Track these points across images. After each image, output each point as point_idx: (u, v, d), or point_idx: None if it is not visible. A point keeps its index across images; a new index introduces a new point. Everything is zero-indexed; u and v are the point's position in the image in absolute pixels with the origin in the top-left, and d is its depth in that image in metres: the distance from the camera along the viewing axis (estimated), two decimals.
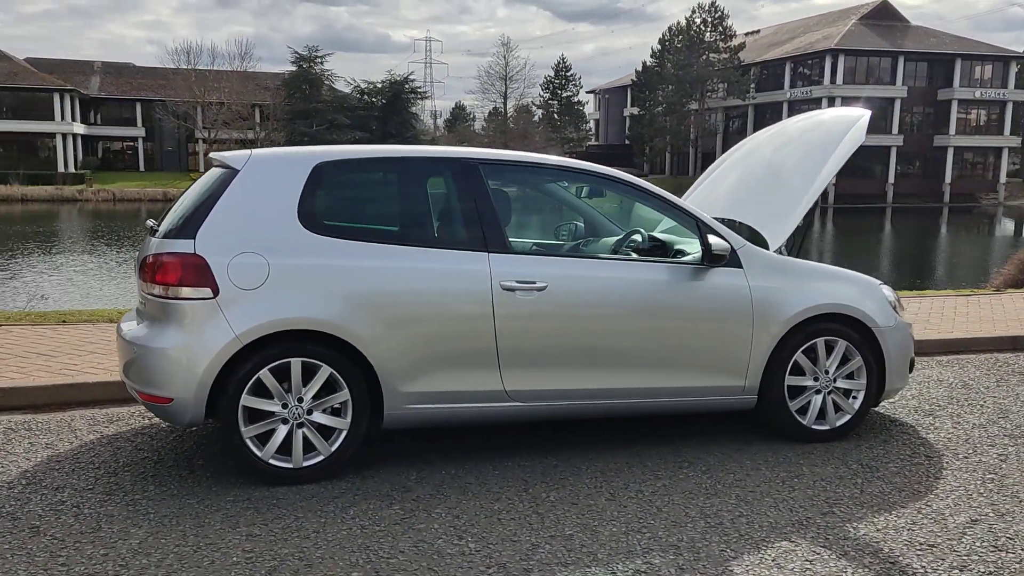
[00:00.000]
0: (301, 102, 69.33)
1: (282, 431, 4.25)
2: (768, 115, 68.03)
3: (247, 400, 4.17)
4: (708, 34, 70.70)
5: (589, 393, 4.74)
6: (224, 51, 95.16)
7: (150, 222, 4.70)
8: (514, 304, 4.52)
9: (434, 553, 3.57)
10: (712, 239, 4.82)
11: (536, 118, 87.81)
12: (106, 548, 3.54)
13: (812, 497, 4.31)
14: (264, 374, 4.19)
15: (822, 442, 5.16)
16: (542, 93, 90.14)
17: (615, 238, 5.41)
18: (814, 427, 5.16)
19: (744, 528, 3.91)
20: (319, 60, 72.12)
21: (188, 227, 4.25)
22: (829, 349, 5.14)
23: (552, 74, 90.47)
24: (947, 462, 4.87)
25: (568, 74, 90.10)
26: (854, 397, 5.24)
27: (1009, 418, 5.73)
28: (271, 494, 4.18)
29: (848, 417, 5.23)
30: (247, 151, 4.52)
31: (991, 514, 4.12)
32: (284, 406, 4.25)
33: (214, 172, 4.53)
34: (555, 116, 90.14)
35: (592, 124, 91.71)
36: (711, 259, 4.81)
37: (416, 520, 3.90)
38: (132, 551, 3.52)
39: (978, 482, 4.55)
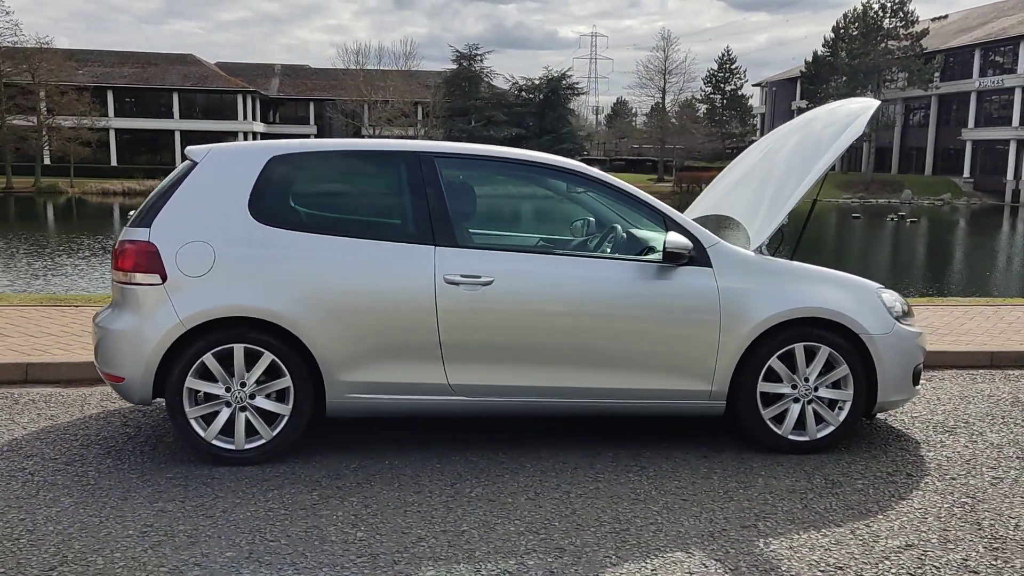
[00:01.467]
0: (460, 99, 71.08)
1: (225, 414, 4.46)
2: (954, 106, 63.80)
3: (191, 382, 4.40)
4: (887, 20, 66.86)
5: (539, 391, 4.68)
6: (390, 51, 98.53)
7: (132, 213, 5.03)
8: (458, 298, 4.53)
9: (317, 539, 3.65)
10: (670, 236, 4.65)
11: (700, 113, 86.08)
12: (26, 513, 3.85)
13: (744, 509, 4.10)
14: (208, 358, 4.40)
15: (801, 454, 4.88)
16: (704, 87, 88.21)
17: (600, 234, 5.32)
18: (791, 437, 4.89)
19: (647, 536, 3.78)
20: (478, 58, 73.75)
21: (147, 216, 4.52)
22: (811, 355, 4.84)
23: (715, 67, 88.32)
24: (927, 483, 4.50)
25: (732, 67, 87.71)
26: (840, 408, 4.92)
27: None
28: (210, 473, 4.39)
29: (831, 429, 4.92)
30: (209, 145, 4.76)
31: (934, 541, 3.79)
32: (228, 390, 4.45)
33: (183, 165, 4.78)
34: (720, 110, 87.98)
35: (758, 119, 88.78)
36: (666, 257, 4.65)
37: (326, 507, 4.00)
38: (48, 518, 3.80)
39: (945, 507, 4.19)
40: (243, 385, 4.46)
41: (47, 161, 57.70)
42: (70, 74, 58.97)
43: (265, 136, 70.90)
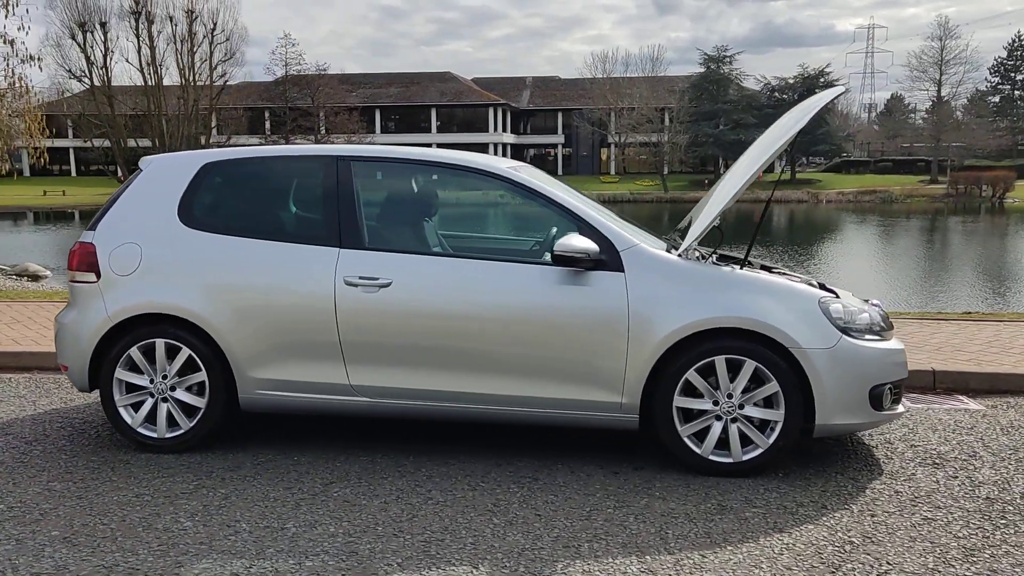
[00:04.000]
0: (707, 103, 69.57)
1: (149, 404, 4.83)
2: None
3: (120, 373, 4.82)
4: None
5: (441, 395, 4.64)
6: (638, 57, 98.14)
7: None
8: (356, 300, 4.61)
9: (142, 526, 3.87)
10: (563, 239, 4.44)
11: (992, 106, 78.15)
12: None
13: (586, 530, 3.86)
14: (134, 351, 4.80)
15: (724, 476, 4.45)
16: (989, 78, 79.97)
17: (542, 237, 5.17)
18: (711, 458, 4.48)
19: (448, 549, 3.68)
20: (728, 60, 71.79)
21: (96, 221, 5.01)
22: (735, 370, 4.41)
23: (1004, 55, 79.80)
24: (833, 518, 3.99)
25: None
26: (771, 429, 4.43)
27: None
28: (126, 459, 4.75)
29: (758, 451, 4.45)
30: (156, 155, 5.17)
31: None
32: (152, 381, 4.81)
33: (134, 174, 5.22)
34: (1012, 102, 79.40)
35: None
36: (555, 260, 4.44)
37: (191, 497, 4.22)
38: None
39: (821, 546, 3.67)
40: (165, 378, 4.80)
41: None
42: (343, 96, 64.62)
43: (515, 147, 73.51)
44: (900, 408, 4.73)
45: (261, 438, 5.08)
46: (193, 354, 4.75)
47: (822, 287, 5.06)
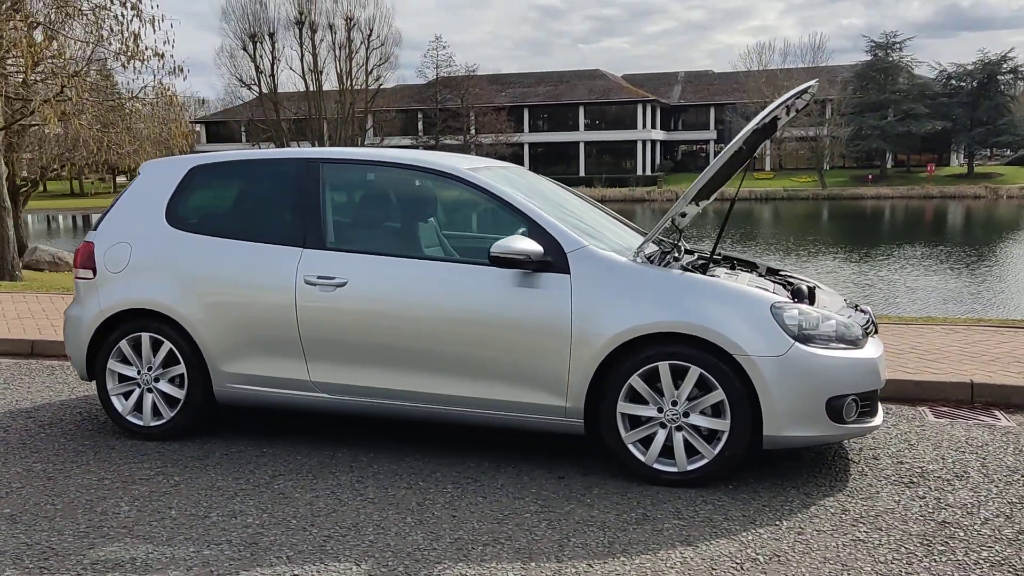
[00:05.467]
0: (873, 93, 66.17)
1: (136, 394, 5.14)
2: None
3: (112, 364, 5.16)
4: None
5: (396, 394, 4.70)
6: (796, 47, 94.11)
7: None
8: (315, 298, 4.74)
9: (82, 508, 4.12)
10: (501, 241, 4.39)
11: None
12: None
13: (507, 532, 3.82)
14: (123, 344, 5.13)
15: (670, 486, 4.30)
16: None
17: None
18: (656, 467, 4.33)
19: (372, 543, 3.73)
20: (897, 46, 67.97)
21: (99, 221, 5.38)
22: (680, 376, 4.24)
23: None
24: (754, 534, 3.79)
25: None
26: (718, 439, 4.23)
27: (1012, 513, 4.00)
28: (131, 446, 5.04)
29: (704, 462, 4.26)
30: (153, 160, 5.49)
31: None
32: (139, 373, 5.12)
33: (135, 176, 5.55)
34: None
35: None
36: (492, 261, 4.40)
37: (149, 484, 4.45)
38: None
39: (715, 562, 3.49)
40: (150, 369, 5.10)
41: None
42: (492, 96, 65.70)
43: (665, 143, 72.40)
44: (874, 421, 4.40)
45: (245, 429, 5.30)
46: (173, 348, 5.02)
47: (811, 292, 4.80)
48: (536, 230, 4.51)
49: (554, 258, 4.43)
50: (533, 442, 4.93)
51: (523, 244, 4.38)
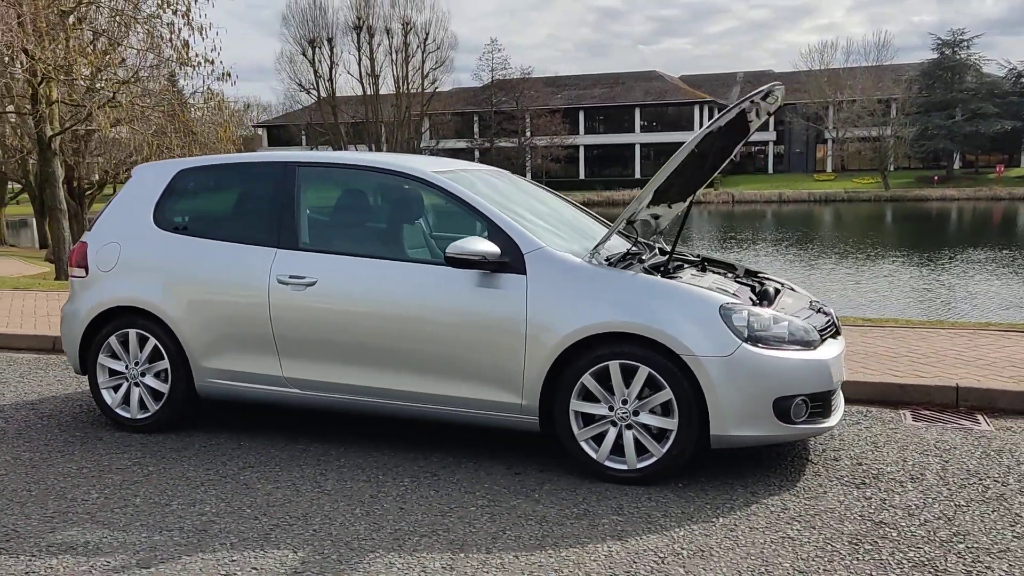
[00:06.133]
0: (940, 92, 64.48)
1: (124, 387, 5.37)
2: None
3: (102, 359, 5.40)
4: None
5: (362, 390, 4.84)
6: (860, 46, 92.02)
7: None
8: (287, 297, 4.91)
9: (53, 495, 4.35)
10: (457, 242, 4.50)
11: None
12: None
13: (447, 524, 3.94)
14: (112, 340, 5.36)
15: (620, 484, 4.37)
16: None
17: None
18: (607, 464, 4.39)
19: (315, 532, 3.87)
20: (965, 44, 66.12)
21: (93, 222, 5.63)
22: (630, 375, 4.30)
23: None
24: (685, 531, 3.83)
25: None
26: (667, 437, 4.28)
27: (955, 515, 3.96)
28: (119, 438, 5.26)
29: (653, 460, 4.31)
30: (145, 164, 5.72)
31: None
32: (127, 367, 5.36)
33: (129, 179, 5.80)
34: None
35: None
36: (447, 261, 4.51)
37: (143, 477, 4.61)
38: None
39: (678, 556, 3.54)
40: (137, 364, 5.33)
41: (528, 177, 65.00)
42: (548, 99, 65.79)
43: None
44: (827, 422, 4.40)
45: (229, 423, 5.49)
46: (158, 344, 5.24)
47: (774, 293, 4.82)
48: (495, 231, 4.61)
49: (511, 259, 4.52)
50: (500, 439, 5.02)
51: (478, 245, 4.47)
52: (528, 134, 64.58)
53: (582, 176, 68.78)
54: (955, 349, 6.74)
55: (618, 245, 5.24)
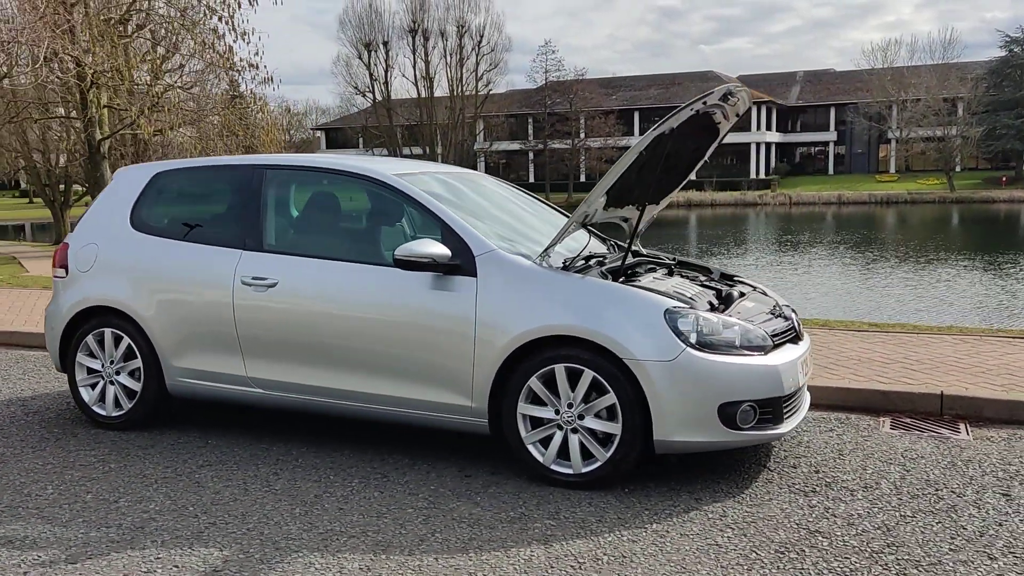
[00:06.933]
0: (1009, 90, 62.39)
1: (101, 386, 5.49)
2: None
3: (80, 358, 5.53)
4: None
5: (320, 391, 4.88)
6: (925, 44, 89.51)
7: None
8: (249, 297, 4.98)
9: (35, 494, 4.44)
10: (407, 244, 4.50)
11: None
12: None
13: (379, 525, 3.95)
14: (89, 338, 5.49)
15: (567, 488, 4.32)
16: None
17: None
18: (553, 467, 4.35)
19: (248, 531, 3.91)
20: None
21: (77, 224, 5.77)
22: (575, 379, 4.25)
23: None
24: (633, 539, 3.74)
25: None
26: (611, 442, 4.22)
27: (896, 526, 3.83)
28: (94, 435, 5.37)
29: (597, 464, 4.26)
30: (125, 167, 5.83)
31: None
32: (103, 366, 5.47)
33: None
34: None
35: None
36: (395, 263, 4.50)
37: (102, 473, 4.69)
38: None
39: (598, 561, 3.49)
40: (112, 363, 5.44)
41: (581, 179, 64.72)
42: (602, 100, 65.45)
43: (781, 145, 70.39)
44: (778, 429, 4.29)
45: (201, 421, 5.58)
46: (131, 343, 5.34)
47: (742, 296, 4.74)
48: (448, 233, 4.60)
49: (463, 261, 4.50)
50: (461, 443, 5.00)
51: (427, 248, 4.46)
52: (582, 135, 64.31)
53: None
54: (954, 356, 6.51)
55: (591, 247, 5.18)
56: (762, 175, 66.51)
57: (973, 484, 4.23)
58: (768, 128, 67.96)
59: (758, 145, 66.74)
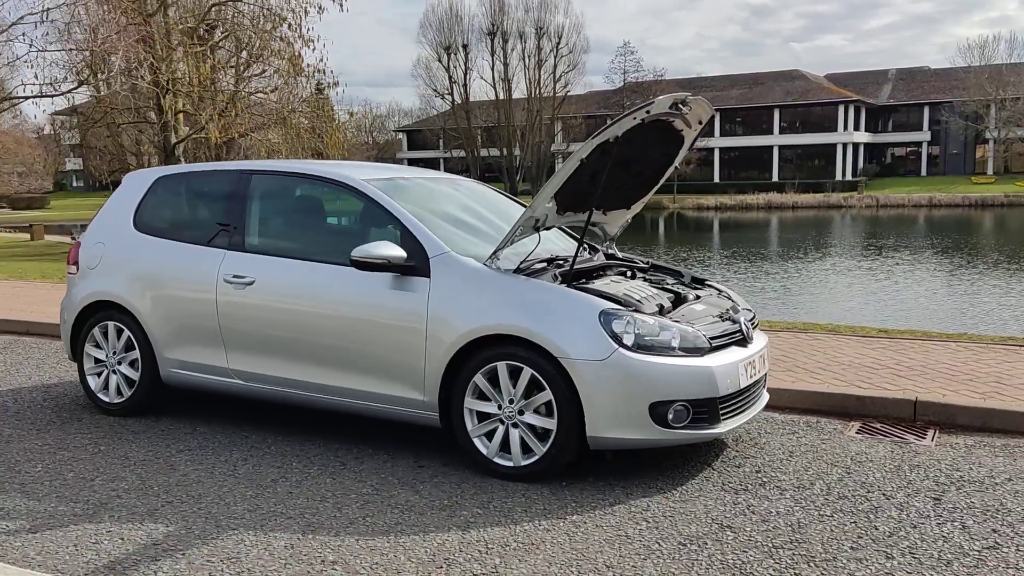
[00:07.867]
0: None
1: (104, 374, 5.90)
2: None
3: (88, 349, 5.95)
4: None
5: (290, 382, 5.17)
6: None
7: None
8: (230, 294, 5.30)
9: (24, 471, 4.83)
10: (363, 246, 4.74)
11: None
12: None
13: (318, 509, 4.20)
14: (95, 331, 5.90)
15: (507, 479, 4.50)
16: None
17: None
18: (496, 460, 4.54)
19: (198, 510, 4.21)
20: None
21: (91, 223, 6.20)
22: (516, 376, 4.43)
23: None
24: (547, 531, 3.90)
25: None
26: (549, 437, 4.38)
27: (808, 524, 3.89)
28: (96, 419, 5.80)
29: (535, 458, 4.43)
30: (134, 171, 6.24)
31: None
32: (107, 356, 5.88)
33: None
34: None
35: None
36: (351, 263, 4.74)
37: (91, 454, 5.08)
38: None
39: (488, 551, 3.67)
40: (114, 353, 5.84)
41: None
42: None
43: (870, 146, 68.45)
44: (715, 429, 4.37)
45: (198, 410, 5.93)
46: (130, 335, 5.73)
47: (696, 299, 4.84)
48: (406, 235, 4.82)
49: (418, 262, 4.72)
50: (424, 435, 5.20)
51: (383, 250, 4.69)
52: None
53: (716, 179, 67.28)
54: (950, 363, 6.41)
55: (556, 250, 5.31)
56: (848, 176, 64.78)
57: (908, 488, 4.23)
58: (856, 128, 66.17)
59: (844, 146, 65.03)
